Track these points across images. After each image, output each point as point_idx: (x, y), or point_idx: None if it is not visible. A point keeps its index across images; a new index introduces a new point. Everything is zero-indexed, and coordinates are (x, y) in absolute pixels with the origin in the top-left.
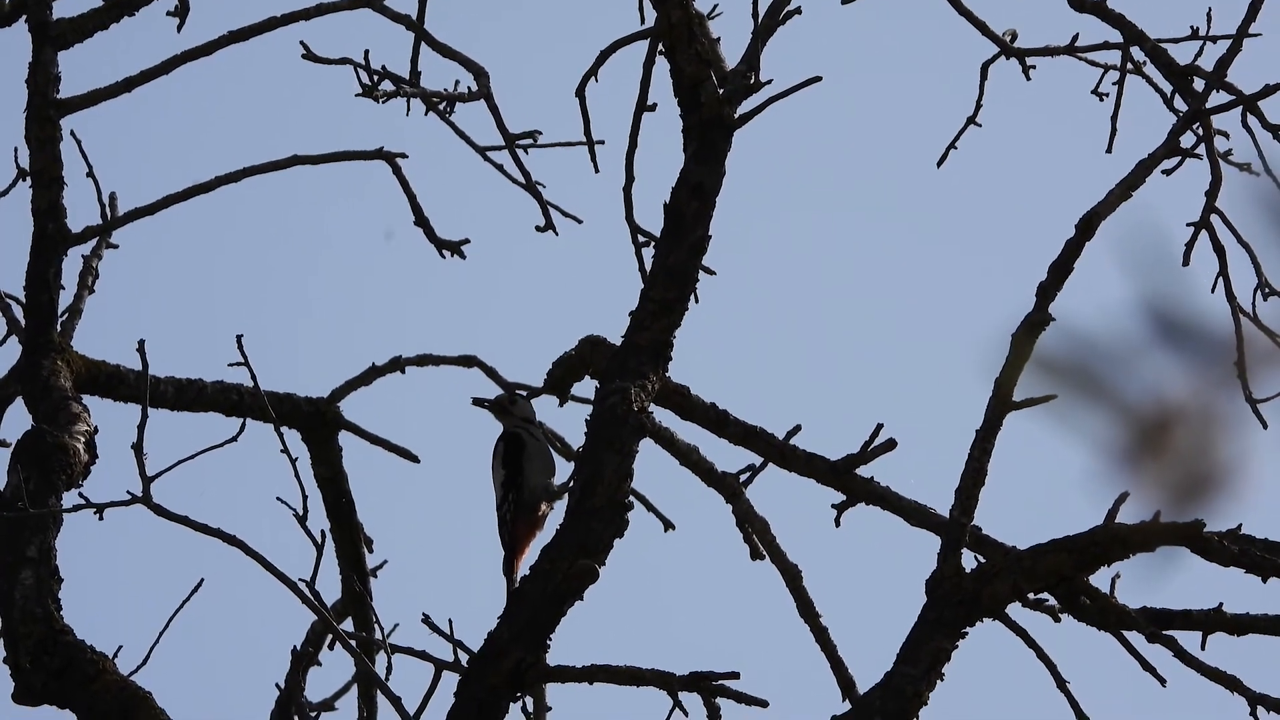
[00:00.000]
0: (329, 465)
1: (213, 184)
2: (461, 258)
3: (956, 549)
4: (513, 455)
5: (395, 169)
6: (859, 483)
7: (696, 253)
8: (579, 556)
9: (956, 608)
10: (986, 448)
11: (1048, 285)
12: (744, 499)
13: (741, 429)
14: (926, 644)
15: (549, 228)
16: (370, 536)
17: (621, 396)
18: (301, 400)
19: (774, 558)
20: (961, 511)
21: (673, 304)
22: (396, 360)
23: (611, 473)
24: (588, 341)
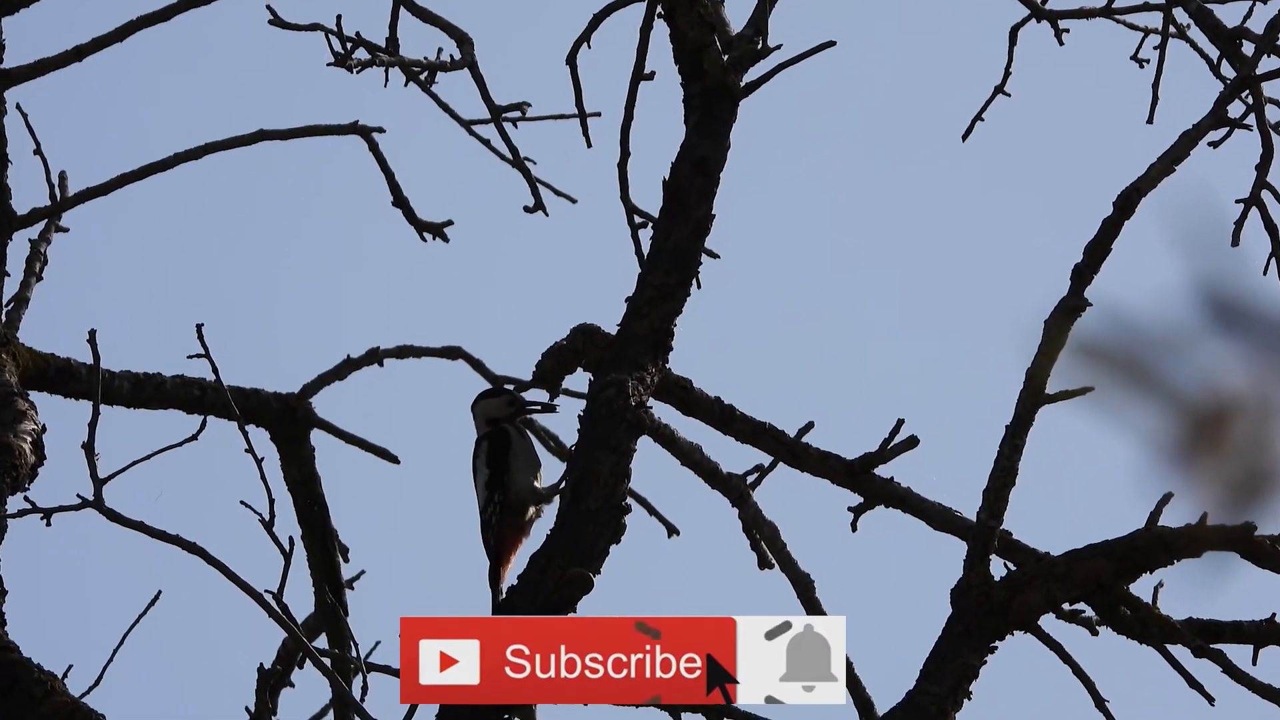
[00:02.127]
0: (300, 467)
1: (172, 161)
2: (444, 241)
3: (984, 555)
4: (497, 453)
5: (371, 145)
6: (877, 484)
7: (699, 234)
8: (571, 565)
9: (984, 619)
10: (1017, 445)
11: (1083, 268)
12: (751, 502)
13: (749, 426)
14: (952, 660)
15: (539, 208)
16: (345, 545)
17: (618, 390)
18: (270, 396)
19: (784, 566)
20: (990, 514)
21: (673, 289)
22: (374, 352)
23: (607, 473)
24: (581, 331)
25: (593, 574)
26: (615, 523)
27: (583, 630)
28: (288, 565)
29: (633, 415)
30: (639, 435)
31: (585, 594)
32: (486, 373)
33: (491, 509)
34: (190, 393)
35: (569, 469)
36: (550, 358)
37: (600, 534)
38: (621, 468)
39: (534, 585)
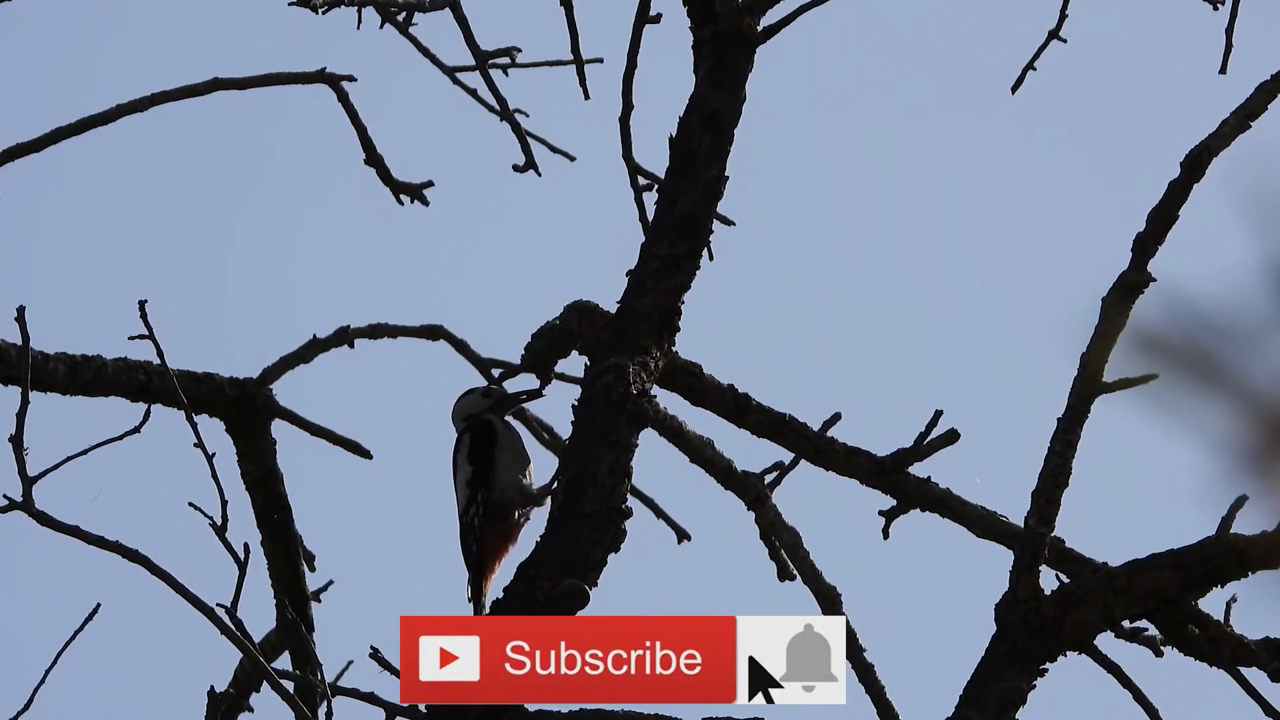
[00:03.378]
0: (259, 462)
1: (113, 114)
2: (423, 204)
3: (1033, 566)
4: (481, 448)
5: (341, 96)
6: (913, 484)
7: (710, 197)
8: (564, 576)
9: (1033, 638)
10: (1070, 440)
11: (1147, 238)
12: (770, 504)
13: (767, 418)
14: (996, 683)
15: (530, 167)
16: (311, 551)
17: (617, 376)
18: (225, 381)
19: (807, 577)
20: (1040, 520)
21: (681, 261)
22: (343, 331)
23: (605, 471)
24: (576, 308)
25: (588, 586)
26: (614, 528)
27: (583, 627)
28: (243, 575)
29: (634, 405)
30: (642, 428)
31: (580, 608)
32: (470, 355)
33: (474, 511)
34: (133, 378)
35: (562, 466)
36: (541, 339)
37: (597, 540)
38: (621, 465)
39: (521, 599)
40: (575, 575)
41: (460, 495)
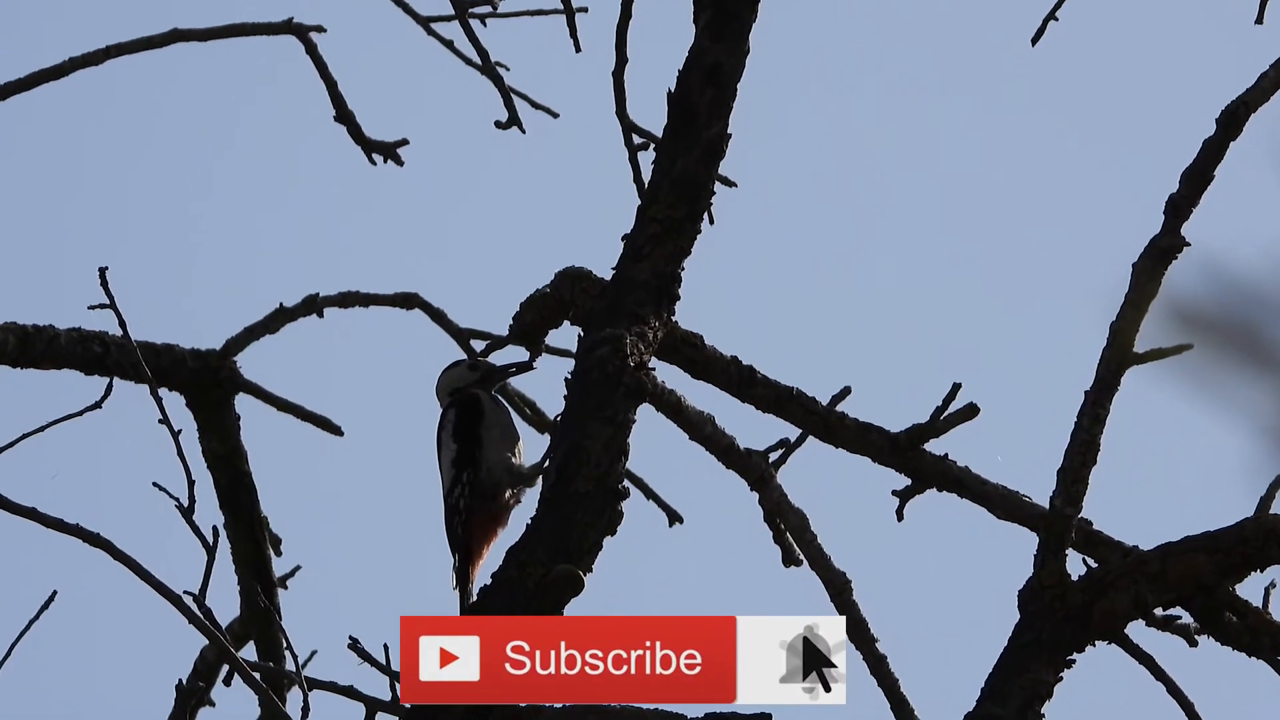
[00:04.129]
0: (223, 439)
1: (66, 68)
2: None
3: (1059, 550)
4: (467, 424)
5: (309, 47)
6: (928, 462)
7: (711, 157)
8: (557, 561)
9: (1059, 627)
10: (1099, 415)
11: (1180, 200)
12: (775, 485)
13: (772, 391)
14: (1020, 675)
15: (513, 124)
16: (278, 534)
17: (613, 348)
18: (187, 354)
19: (814, 563)
20: (1066, 500)
21: (680, 225)
22: (312, 300)
23: (599, 449)
24: (567, 275)
25: (583, 572)
26: (610, 509)
27: (583, 627)
28: (212, 560)
29: (631, 379)
30: (638, 403)
31: (574, 596)
32: (448, 325)
33: (459, 492)
34: (90, 349)
35: (554, 444)
36: (531, 309)
37: (592, 523)
38: (617, 442)
39: (511, 586)
40: (568, 560)
41: (445, 475)
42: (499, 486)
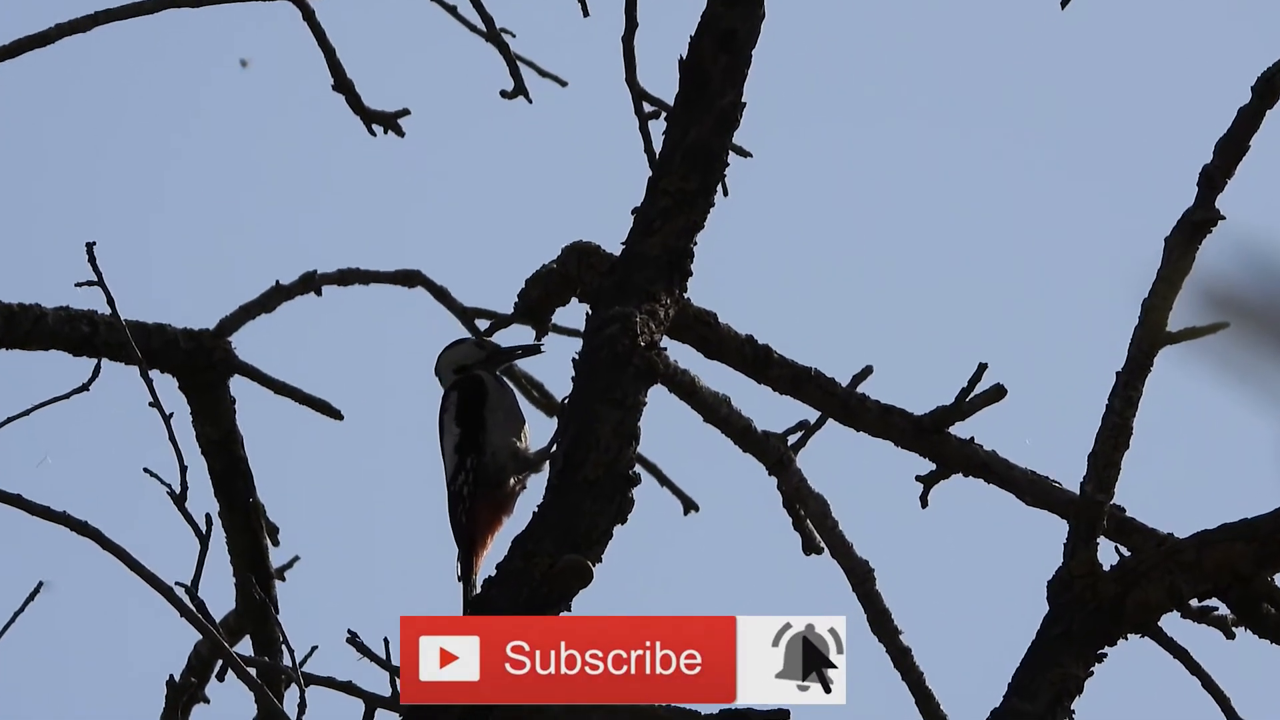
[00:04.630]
0: (216, 423)
1: (52, 35)
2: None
3: (1090, 538)
4: (470, 407)
5: (306, 13)
6: (953, 446)
7: (725, 126)
8: (565, 551)
9: (1090, 619)
10: (1131, 397)
11: (1215, 171)
12: (794, 469)
13: (790, 372)
14: (1049, 670)
15: (519, 93)
16: (275, 523)
17: (622, 327)
18: (178, 333)
19: (835, 551)
20: (1097, 486)
21: (693, 198)
22: (310, 277)
23: (609, 433)
24: (575, 251)
25: (592, 562)
26: (620, 497)
27: (583, 627)
28: (205, 550)
29: (641, 359)
30: (650, 384)
31: (582, 587)
32: (452, 303)
33: (463, 479)
34: (78, 329)
35: (562, 428)
36: (536, 285)
37: (601, 511)
38: (628, 426)
39: (517, 577)
40: (576, 550)
41: (448, 461)
42: (504, 473)
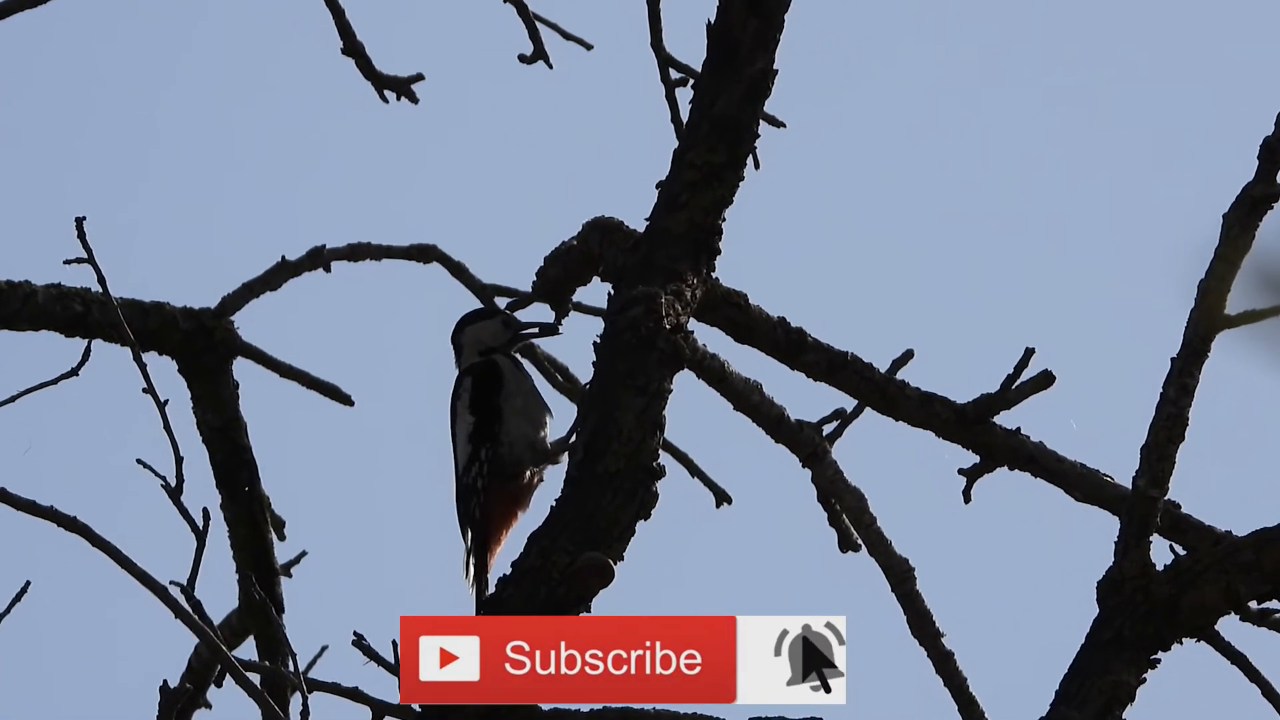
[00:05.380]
0: (218, 409)
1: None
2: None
3: (1143, 536)
4: (485, 394)
5: None
6: (998, 437)
7: (755, 95)
8: (584, 548)
9: (1142, 623)
10: (1187, 385)
11: (1276, 143)
12: (829, 461)
13: (825, 357)
14: (1099, 676)
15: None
16: (281, 516)
17: (646, 309)
18: (177, 312)
19: (873, 548)
20: (1150, 480)
21: (722, 171)
22: (318, 252)
23: (632, 422)
24: (596, 227)
25: (612, 560)
26: (643, 490)
27: (583, 627)
28: (202, 547)
29: (666, 342)
30: (676, 370)
31: (602, 587)
32: (469, 280)
33: (476, 470)
34: (70, 308)
35: (581, 416)
36: (556, 263)
37: (623, 505)
38: (652, 414)
39: (534, 576)
40: (597, 547)
41: (460, 451)
42: (520, 464)
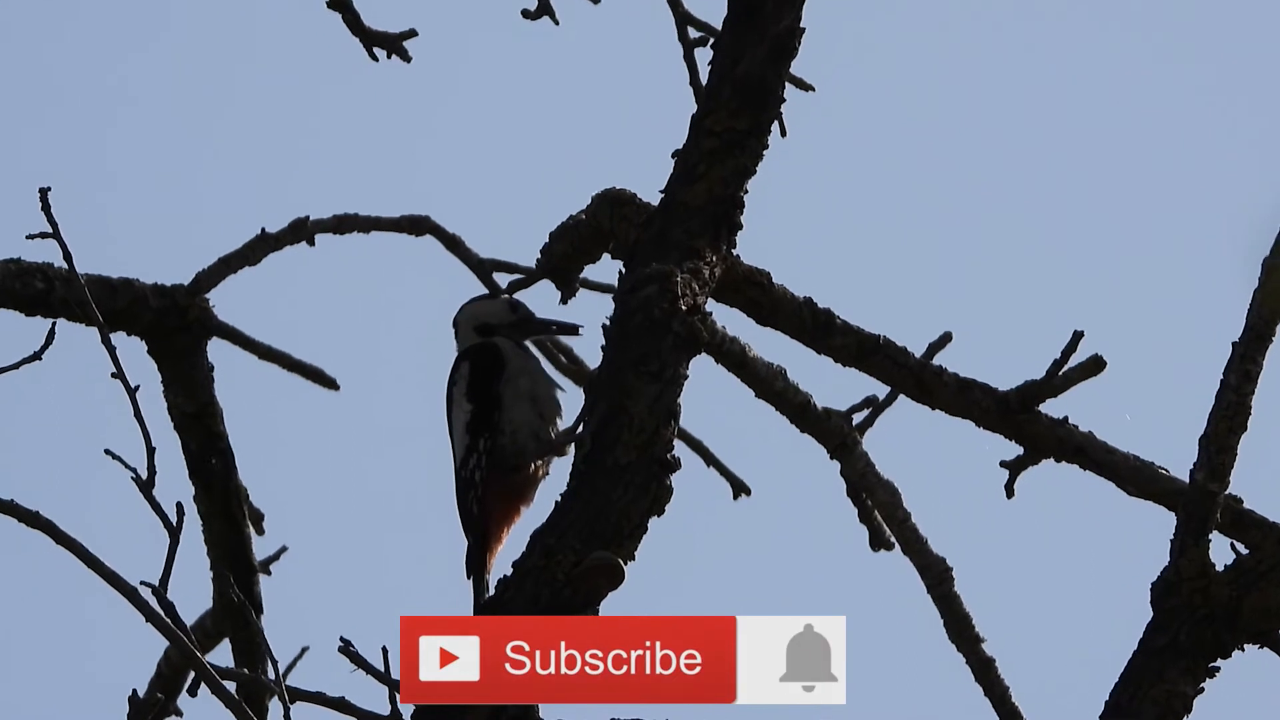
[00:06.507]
0: (191, 394)
1: None
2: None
3: (1202, 534)
4: (484, 379)
5: None
6: (1044, 427)
7: (780, 55)
8: (592, 547)
9: (1201, 627)
10: (1249, 372)
11: None
12: (859, 452)
13: (855, 340)
14: (1152, 686)
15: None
16: (259, 509)
17: (661, 288)
18: (148, 290)
19: (908, 546)
20: (1210, 474)
21: (744, 139)
22: (301, 224)
23: (644, 410)
24: (607, 199)
25: (623, 560)
26: (656, 484)
27: (583, 628)
28: (175, 544)
29: (683, 325)
30: (693, 354)
31: (611, 589)
32: (466, 255)
33: (475, 463)
34: (31, 285)
35: (589, 404)
36: (562, 239)
37: (634, 500)
38: (666, 403)
39: (537, 576)
40: (606, 546)
41: (457, 441)
42: (523, 455)
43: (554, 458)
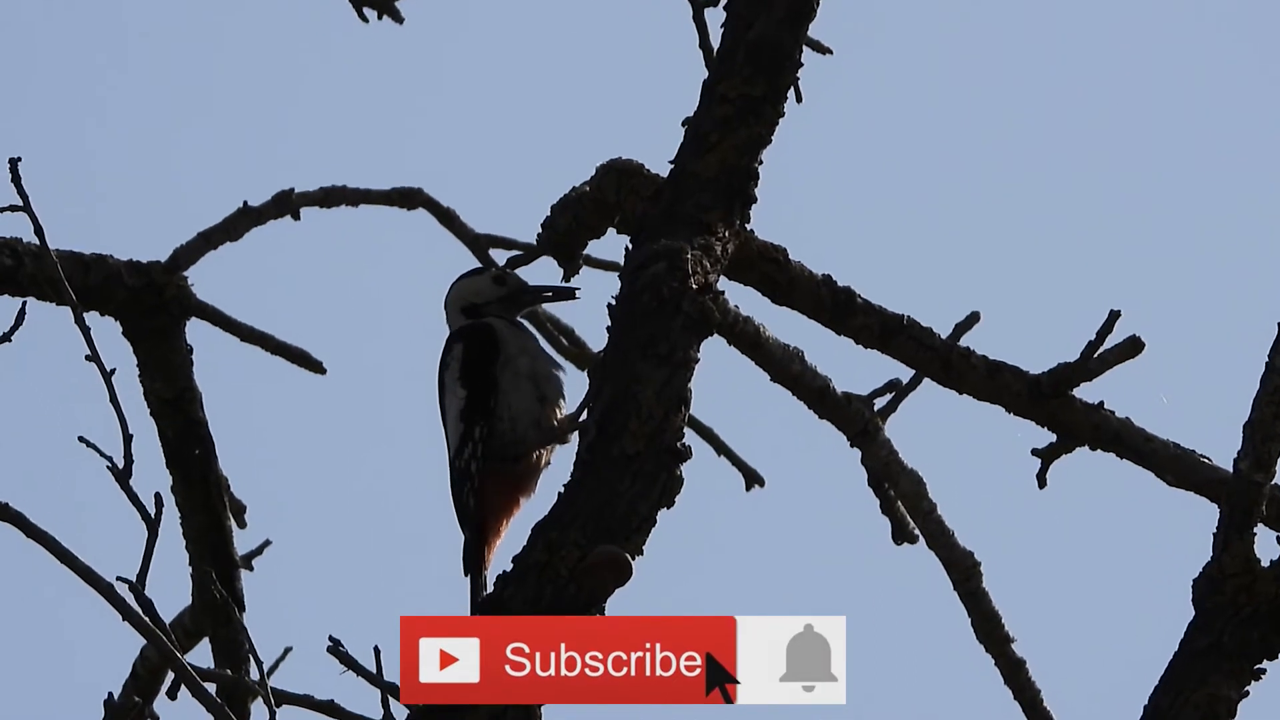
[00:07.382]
0: (170, 379)
1: None
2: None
3: (1246, 527)
4: (478, 361)
5: None
6: (1078, 412)
7: (798, 17)
8: (598, 541)
9: (1245, 626)
10: None
11: None
12: (881, 439)
13: (877, 321)
14: (1194, 689)
15: None
16: (241, 501)
17: (670, 266)
18: (123, 266)
19: (933, 539)
20: (1255, 463)
21: (758, 105)
22: (285, 197)
23: (652, 396)
24: (613, 169)
25: (630, 555)
26: (665, 474)
27: (583, 628)
28: (154, 538)
29: (693, 304)
30: (703, 336)
31: (618, 586)
32: (461, 230)
33: (470, 452)
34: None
35: (594, 390)
36: (565, 213)
37: (642, 492)
38: (675, 388)
39: (539, 573)
40: (612, 539)
41: (451, 430)
42: (523, 444)
43: (556, 446)
